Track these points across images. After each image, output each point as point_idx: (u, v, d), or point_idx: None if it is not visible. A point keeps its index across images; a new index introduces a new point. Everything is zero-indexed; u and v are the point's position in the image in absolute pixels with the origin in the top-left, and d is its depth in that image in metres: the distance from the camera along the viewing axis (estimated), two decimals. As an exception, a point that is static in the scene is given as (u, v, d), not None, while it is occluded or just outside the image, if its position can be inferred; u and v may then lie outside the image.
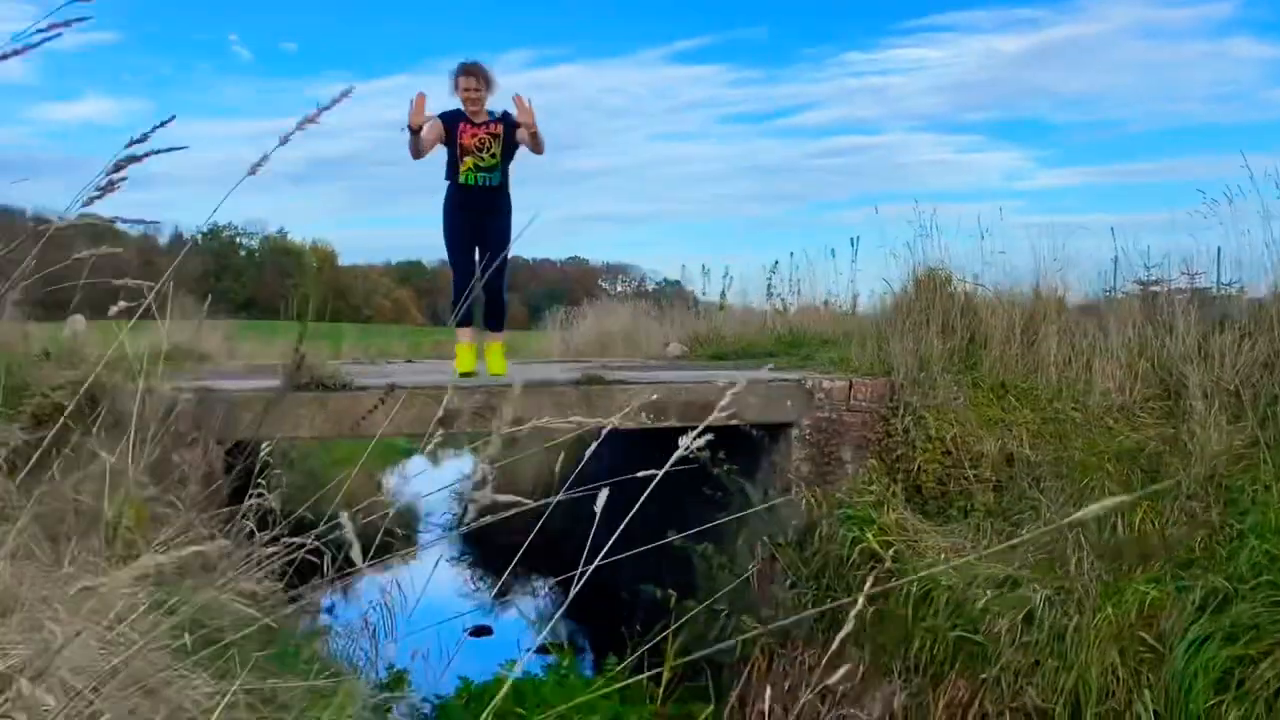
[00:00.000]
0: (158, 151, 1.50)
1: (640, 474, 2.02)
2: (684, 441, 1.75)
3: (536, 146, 6.19)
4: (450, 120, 6.20)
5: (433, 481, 13.58)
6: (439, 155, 6.35)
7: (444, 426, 5.55)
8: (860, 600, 1.53)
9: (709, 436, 1.71)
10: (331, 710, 3.34)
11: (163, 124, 1.50)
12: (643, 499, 1.95)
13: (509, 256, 6.52)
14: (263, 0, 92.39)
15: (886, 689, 5.17)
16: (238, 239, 61.10)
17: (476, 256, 6.35)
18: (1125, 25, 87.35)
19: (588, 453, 2.31)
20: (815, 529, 5.74)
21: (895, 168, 78.12)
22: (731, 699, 5.78)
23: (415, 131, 5.94)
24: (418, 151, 6.10)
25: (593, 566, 1.84)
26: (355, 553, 1.78)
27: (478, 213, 6.25)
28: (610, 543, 1.93)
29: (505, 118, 6.25)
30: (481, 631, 7.82)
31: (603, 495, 1.79)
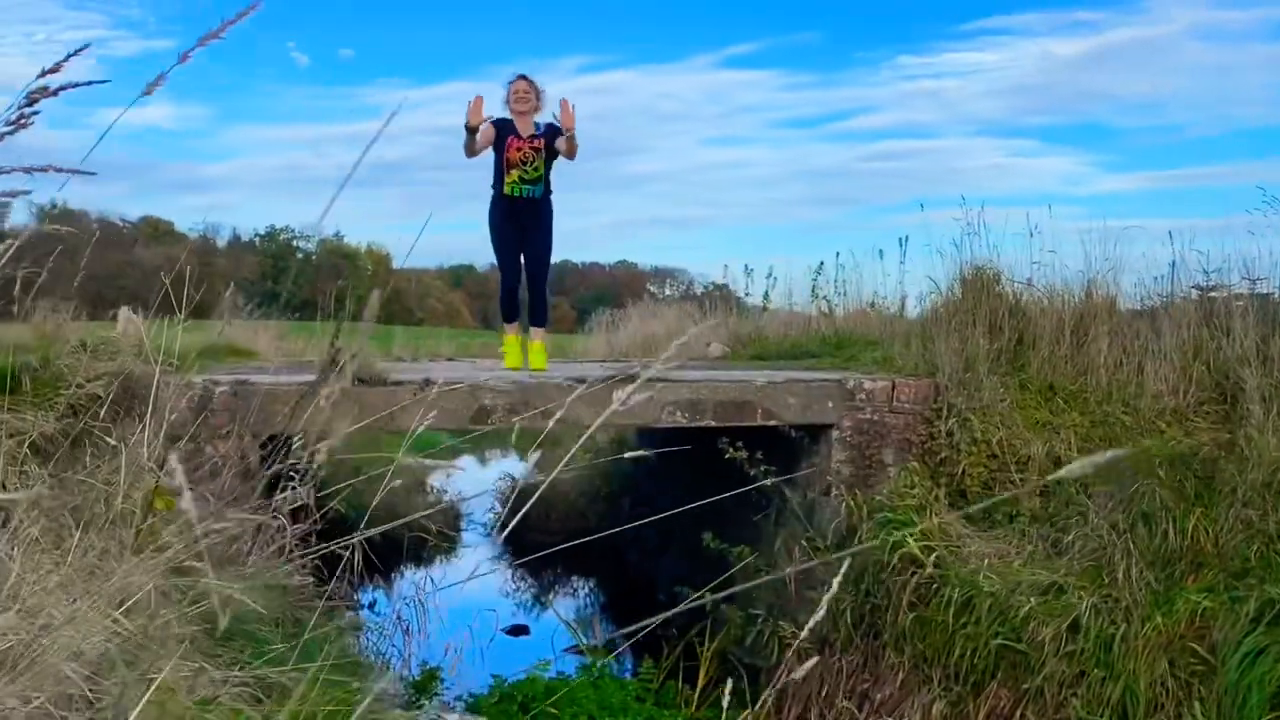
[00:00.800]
0: (73, 86, 1.44)
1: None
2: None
3: (570, 151, 6.44)
4: (502, 130, 6.45)
5: (477, 482, 13.67)
6: (488, 159, 6.59)
7: (478, 421, 5.52)
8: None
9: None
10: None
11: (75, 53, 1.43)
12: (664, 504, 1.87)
13: (550, 259, 6.79)
14: (321, 8, 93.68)
15: (925, 697, 5.03)
16: (294, 241, 62.03)
17: (522, 260, 6.65)
18: (1186, 28, 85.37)
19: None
20: (855, 533, 5.61)
21: (950, 172, 76.99)
22: (766, 704, 5.67)
23: (472, 131, 6.25)
24: (472, 150, 6.41)
25: (597, 535, 1.77)
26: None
27: (521, 222, 6.54)
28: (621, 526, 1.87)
29: (548, 130, 6.49)
30: (518, 631, 7.78)
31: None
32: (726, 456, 5.80)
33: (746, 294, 11.64)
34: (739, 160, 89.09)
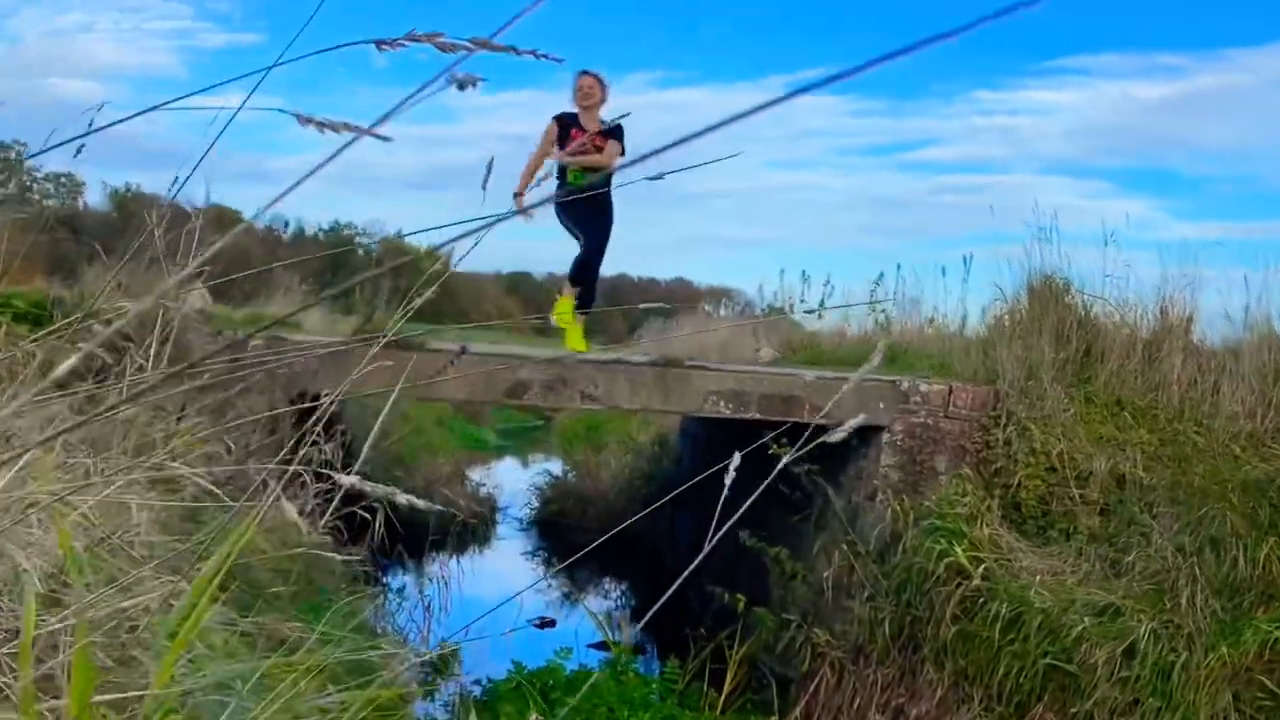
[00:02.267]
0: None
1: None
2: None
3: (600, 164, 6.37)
4: (565, 123, 6.39)
5: (518, 480, 13.54)
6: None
7: (514, 396, 5.35)
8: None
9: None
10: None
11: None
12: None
13: (605, 249, 6.57)
14: (400, 10, 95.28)
15: (965, 716, 4.74)
16: (357, 238, 62.85)
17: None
18: (1271, 78, 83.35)
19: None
20: (899, 540, 5.34)
21: (1018, 209, 75.44)
22: (796, 714, 5.41)
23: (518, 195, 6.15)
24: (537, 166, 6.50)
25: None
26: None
27: (582, 205, 6.35)
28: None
29: (614, 130, 6.41)
30: (546, 624, 7.58)
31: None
32: (770, 453, 5.56)
33: (803, 300, 11.34)
34: (803, 184, 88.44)
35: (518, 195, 6.11)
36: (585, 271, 6.47)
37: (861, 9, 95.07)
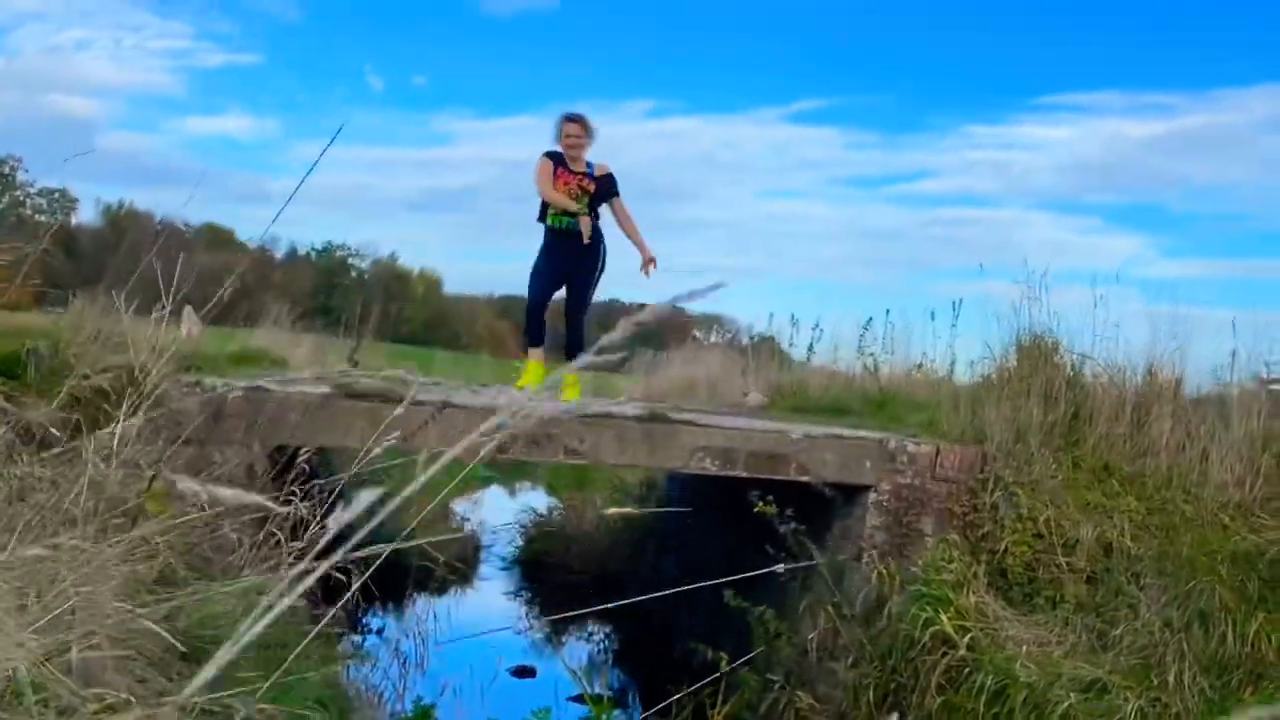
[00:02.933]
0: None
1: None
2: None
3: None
4: (554, 162, 6.40)
5: (505, 511, 13.43)
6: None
7: (498, 451, 5.27)
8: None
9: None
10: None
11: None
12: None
13: (592, 294, 6.63)
14: (398, 34, 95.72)
15: (947, 790, 4.66)
16: (350, 259, 62.77)
17: (563, 292, 6.51)
18: (1261, 119, 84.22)
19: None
20: (885, 604, 5.27)
21: (1009, 244, 76.14)
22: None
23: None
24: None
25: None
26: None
27: (569, 257, 6.41)
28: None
29: (601, 180, 6.43)
30: (524, 673, 7.46)
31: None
32: (755, 510, 5.51)
33: (791, 344, 11.34)
34: (796, 214, 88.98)
35: (578, 214, 6.21)
36: (571, 328, 6.46)
37: (854, 44, 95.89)
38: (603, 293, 6.85)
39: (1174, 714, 4.23)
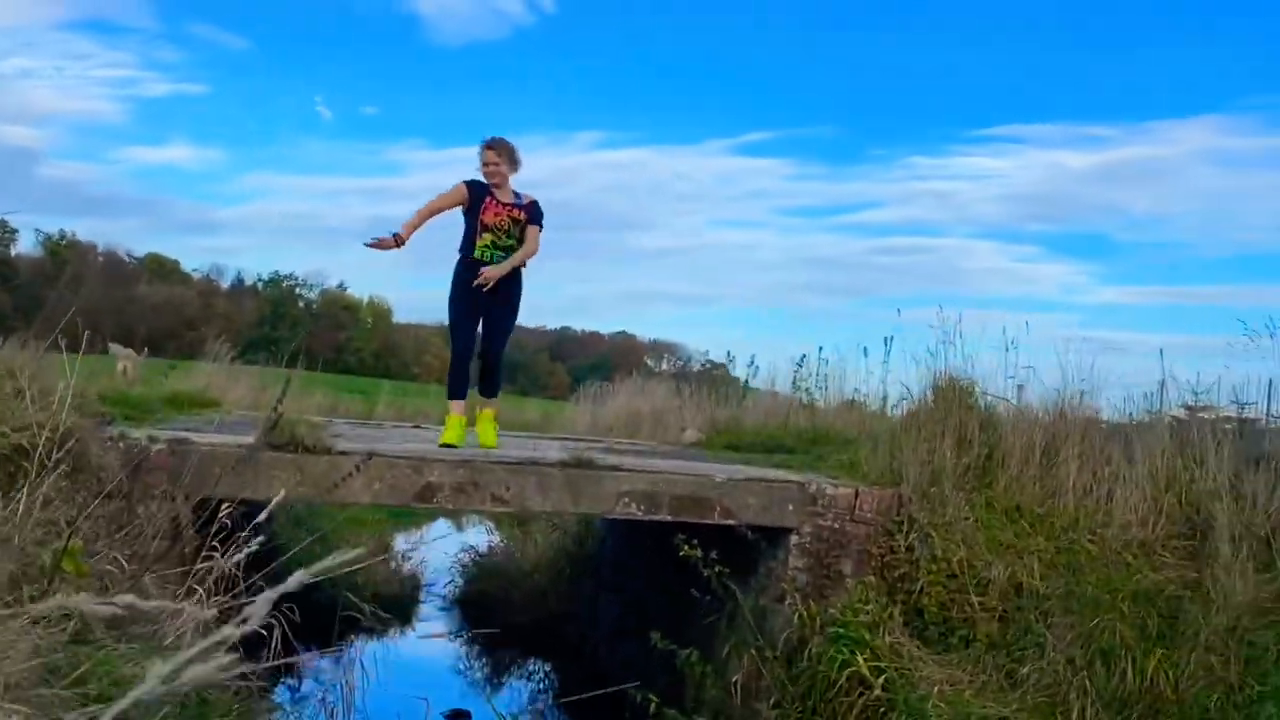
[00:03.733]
0: None
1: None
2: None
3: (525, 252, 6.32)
4: (478, 192, 6.22)
5: (450, 546, 13.38)
6: (453, 220, 6.36)
7: (423, 500, 5.34)
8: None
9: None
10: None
11: None
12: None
13: (510, 333, 6.51)
14: (348, 64, 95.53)
15: (864, 829, 4.77)
16: (298, 289, 62.27)
17: (480, 328, 6.33)
18: (1194, 150, 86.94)
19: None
20: (806, 645, 5.38)
21: (953, 272, 77.64)
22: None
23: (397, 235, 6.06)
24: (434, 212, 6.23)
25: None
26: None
27: (488, 292, 6.19)
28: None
29: (529, 208, 6.30)
30: (459, 716, 7.47)
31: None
32: (681, 554, 5.61)
33: (736, 376, 11.55)
34: (746, 243, 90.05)
35: (396, 235, 5.97)
36: (486, 366, 6.38)
37: (800, 77, 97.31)
38: (557, 319, 6.79)
39: (1076, 751, 4.39)
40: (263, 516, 4.23)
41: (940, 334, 6.24)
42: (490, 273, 6.07)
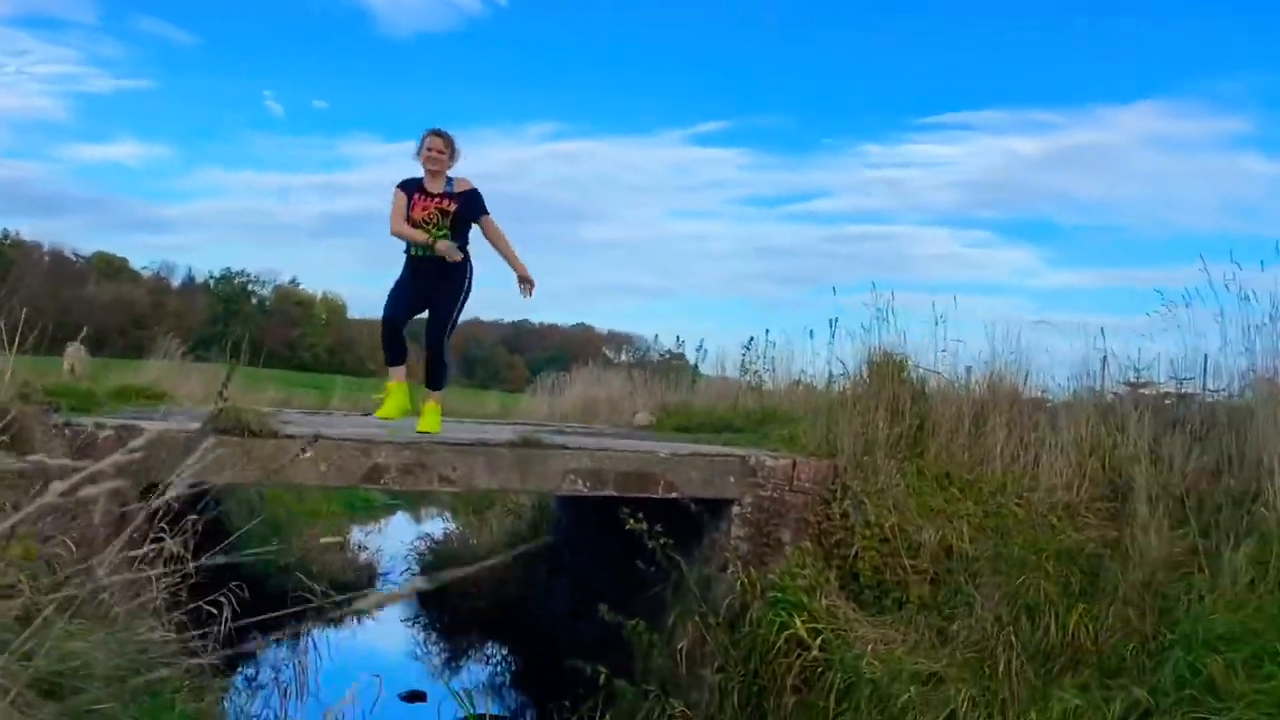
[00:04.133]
0: None
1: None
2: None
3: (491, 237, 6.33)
4: (408, 190, 6.17)
5: (407, 537, 13.45)
6: None
7: (370, 481, 5.44)
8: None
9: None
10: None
11: None
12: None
13: (453, 323, 6.34)
14: (297, 59, 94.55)
15: (803, 784, 4.96)
16: (250, 286, 61.65)
17: (426, 315, 6.29)
18: (1140, 135, 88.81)
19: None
20: (747, 611, 5.56)
21: (905, 259, 78.72)
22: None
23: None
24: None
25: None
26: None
27: (429, 281, 6.17)
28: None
29: (463, 197, 6.18)
30: (415, 697, 7.58)
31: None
32: (626, 528, 5.75)
33: (690, 362, 11.74)
34: (701, 233, 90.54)
35: (433, 244, 5.96)
36: (430, 357, 6.33)
37: (752, 67, 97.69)
38: (515, 312, 6.72)
39: (1001, 700, 4.60)
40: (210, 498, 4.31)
41: (874, 312, 6.45)
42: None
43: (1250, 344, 5.62)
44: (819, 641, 5.11)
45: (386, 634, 9.96)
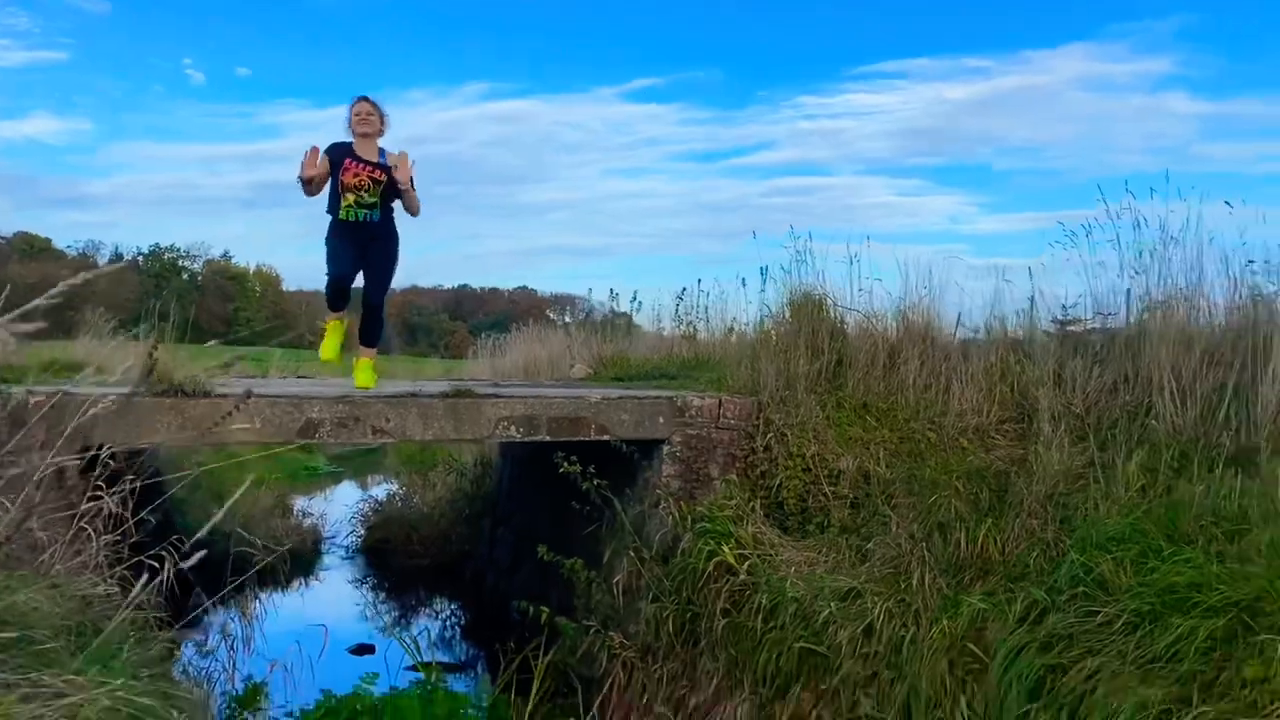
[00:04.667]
0: None
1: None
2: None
3: (410, 206, 6.32)
4: (337, 155, 6.21)
5: (347, 504, 13.54)
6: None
7: (305, 436, 5.56)
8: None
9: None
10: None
11: None
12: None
13: (389, 282, 6.52)
14: (218, 24, 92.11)
15: (737, 700, 5.22)
16: (180, 261, 60.48)
17: (361, 280, 6.42)
18: (1069, 78, 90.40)
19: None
20: (679, 544, 5.81)
21: (843, 209, 79.58)
22: (592, 715, 5.81)
23: (307, 182, 6.07)
24: (310, 193, 6.20)
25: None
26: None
27: (361, 242, 6.28)
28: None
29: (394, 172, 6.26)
30: (364, 650, 7.76)
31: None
32: (560, 471, 5.95)
33: (613, 313, 11.89)
34: (640, 191, 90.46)
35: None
36: (367, 318, 6.51)
37: (683, 20, 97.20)
38: (455, 277, 6.83)
39: (914, 610, 4.88)
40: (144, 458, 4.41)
41: (794, 255, 6.67)
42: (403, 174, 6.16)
43: (1144, 268, 5.92)
44: (746, 566, 5.37)
45: (334, 595, 10.10)
